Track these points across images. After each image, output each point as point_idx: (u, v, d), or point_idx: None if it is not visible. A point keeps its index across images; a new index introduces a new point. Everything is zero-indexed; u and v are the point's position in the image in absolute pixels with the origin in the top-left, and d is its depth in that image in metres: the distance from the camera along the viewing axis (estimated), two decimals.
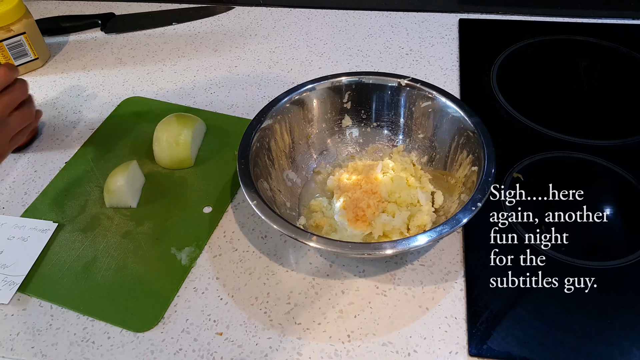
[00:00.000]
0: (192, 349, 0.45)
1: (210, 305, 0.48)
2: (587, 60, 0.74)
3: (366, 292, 0.48)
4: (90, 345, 0.45)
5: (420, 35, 0.81)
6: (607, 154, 0.59)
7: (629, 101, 0.68)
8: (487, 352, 0.42)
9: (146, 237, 0.54)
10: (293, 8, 0.89)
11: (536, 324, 0.44)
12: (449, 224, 0.42)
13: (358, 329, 0.45)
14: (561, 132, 0.62)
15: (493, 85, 0.70)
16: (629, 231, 0.52)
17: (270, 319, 0.46)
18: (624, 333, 0.43)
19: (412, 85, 0.56)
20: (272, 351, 0.44)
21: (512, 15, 0.83)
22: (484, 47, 0.77)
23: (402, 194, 0.52)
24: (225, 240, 0.53)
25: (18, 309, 0.49)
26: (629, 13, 0.80)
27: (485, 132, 0.50)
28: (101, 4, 0.93)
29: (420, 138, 0.57)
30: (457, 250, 0.51)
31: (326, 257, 0.51)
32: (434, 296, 0.47)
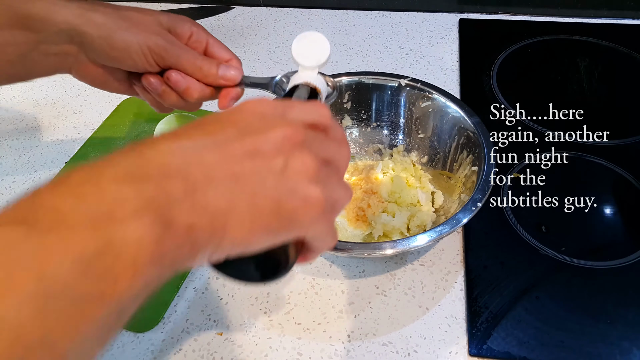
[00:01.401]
0: (192, 349, 0.45)
1: (211, 305, 0.48)
2: (587, 60, 0.74)
3: (366, 292, 0.48)
4: None
5: (420, 35, 0.81)
6: (607, 154, 0.59)
7: (629, 101, 0.68)
8: (487, 352, 0.42)
9: None
10: (293, 8, 0.89)
11: (536, 324, 0.44)
12: (449, 224, 0.42)
13: (358, 329, 0.45)
14: (561, 132, 0.62)
15: (493, 85, 0.70)
16: (629, 231, 0.52)
17: (270, 319, 0.46)
18: (624, 333, 0.43)
19: (412, 85, 0.56)
20: (272, 351, 0.44)
21: (512, 15, 0.83)
22: (484, 47, 0.77)
23: (402, 194, 0.52)
24: None
25: None
26: (629, 13, 0.80)
27: (486, 132, 0.50)
28: None
29: (420, 138, 0.57)
30: (457, 250, 0.50)
31: (326, 257, 0.51)
32: (434, 296, 0.47)
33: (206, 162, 0.23)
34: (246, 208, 0.23)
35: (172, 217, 0.21)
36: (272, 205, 0.24)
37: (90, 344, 0.19)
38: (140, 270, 0.19)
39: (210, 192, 0.22)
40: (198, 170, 0.23)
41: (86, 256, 0.18)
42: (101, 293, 0.18)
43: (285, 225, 0.25)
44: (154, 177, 0.21)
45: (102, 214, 0.19)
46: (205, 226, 0.22)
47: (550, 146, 0.60)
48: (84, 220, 0.18)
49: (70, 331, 0.17)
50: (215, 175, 0.23)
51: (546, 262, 0.49)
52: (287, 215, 0.25)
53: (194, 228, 0.21)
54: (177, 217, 0.21)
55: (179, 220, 0.21)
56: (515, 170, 0.57)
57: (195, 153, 0.23)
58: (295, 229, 0.25)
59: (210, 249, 0.23)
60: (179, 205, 0.21)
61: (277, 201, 0.24)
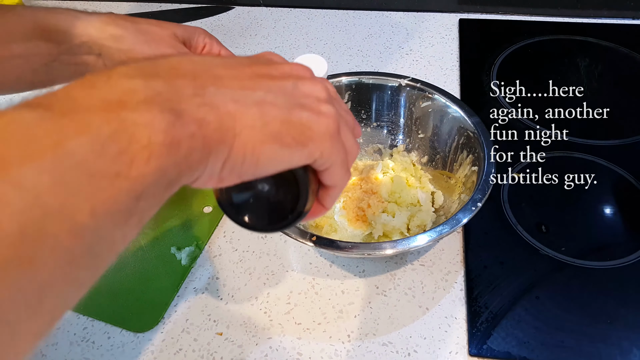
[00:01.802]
0: (192, 349, 0.45)
1: (210, 305, 0.48)
2: (587, 60, 0.74)
3: (366, 292, 0.48)
4: (90, 345, 0.45)
5: (420, 35, 0.81)
6: (607, 153, 0.59)
7: (629, 101, 0.68)
8: (487, 352, 0.42)
9: (146, 237, 0.54)
10: (293, 8, 0.89)
11: (536, 324, 0.44)
12: (449, 224, 0.42)
13: (358, 329, 0.45)
14: (561, 132, 0.62)
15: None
16: (629, 231, 0.52)
17: (270, 319, 0.46)
18: (625, 333, 0.43)
19: (412, 85, 0.56)
20: (272, 351, 0.44)
21: (512, 15, 0.83)
22: (484, 47, 0.77)
23: (402, 194, 0.52)
24: (225, 240, 0.53)
25: None
26: (628, 13, 0.80)
27: (485, 132, 0.50)
28: (101, 4, 0.93)
29: (420, 138, 0.57)
30: (457, 250, 0.50)
31: (326, 257, 0.51)
32: (434, 296, 0.47)
33: (216, 73, 0.24)
34: (257, 114, 0.23)
35: (182, 109, 0.21)
36: (284, 114, 0.24)
37: (110, 227, 0.19)
38: (155, 154, 0.19)
39: (219, 95, 0.23)
40: (207, 76, 0.23)
41: (101, 137, 0.18)
42: (116, 173, 0.18)
43: (297, 138, 0.25)
44: (163, 75, 0.22)
45: (114, 102, 0.19)
46: (215, 123, 0.22)
47: (551, 147, 0.60)
48: (97, 105, 0.19)
49: (87, 206, 0.18)
50: (225, 84, 0.23)
51: (546, 262, 0.49)
52: (299, 126, 0.25)
53: (204, 123, 0.21)
54: (186, 110, 0.21)
55: (189, 112, 0.21)
56: (516, 170, 0.57)
57: (205, 65, 0.24)
58: (308, 144, 0.25)
59: (223, 156, 0.23)
60: (188, 100, 0.21)
61: (289, 110, 0.25)
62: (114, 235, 0.19)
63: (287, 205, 0.27)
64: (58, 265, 0.17)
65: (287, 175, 0.26)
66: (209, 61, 0.25)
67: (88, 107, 0.19)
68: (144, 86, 0.20)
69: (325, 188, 0.29)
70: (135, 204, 0.19)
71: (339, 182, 0.29)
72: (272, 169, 0.25)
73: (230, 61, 0.25)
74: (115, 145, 0.18)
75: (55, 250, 0.17)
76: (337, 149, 0.27)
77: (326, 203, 0.30)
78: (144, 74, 0.21)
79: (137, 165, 0.19)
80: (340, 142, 0.27)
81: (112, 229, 0.19)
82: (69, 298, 0.19)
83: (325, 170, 0.27)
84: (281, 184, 0.27)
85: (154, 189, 0.20)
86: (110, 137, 0.18)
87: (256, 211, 0.28)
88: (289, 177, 0.27)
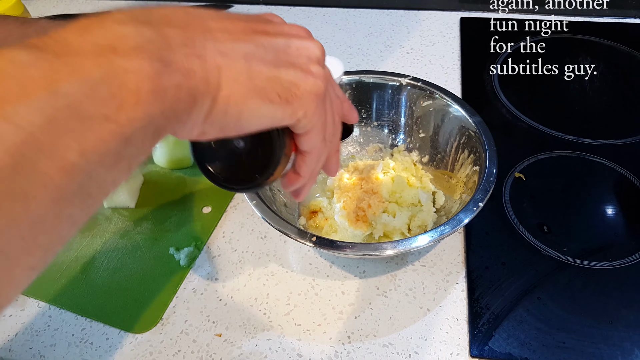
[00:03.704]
0: (191, 350, 0.44)
1: (209, 306, 0.47)
2: (589, 59, 0.73)
3: (367, 293, 0.47)
4: (89, 346, 0.45)
5: (421, 34, 0.80)
6: (609, 153, 0.58)
7: (631, 100, 0.68)
8: (488, 353, 0.42)
9: (144, 238, 0.53)
10: (293, 6, 0.89)
11: (538, 324, 0.44)
12: (450, 224, 0.42)
13: (358, 330, 0.45)
14: (563, 132, 0.62)
15: (494, 84, 0.70)
16: (631, 231, 0.51)
17: (270, 320, 0.46)
18: (626, 334, 0.43)
19: (413, 84, 0.55)
20: (271, 352, 0.44)
21: (514, 13, 0.82)
22: (485, 46, 0.77)
23: (403, 194, 0.52)
24: (225, 240, 0.53)
25: (16, 309, 0.48)
26: (630, 12, 0.80)
27: (487, 132, 0.49)
28: (100, 3, 0.92)
29: (421, 137, 0.57)
30: (459, 250, 0.50)
31: (326, 257, 0.51)
32: (435, 297, 0.47)
33: (208, 26, 0.24)
34: (243, 68, 0.24)
35: (170, 59, 0.21)
36: (271, 70, 0.25)
37: (99, 169, 0.19)
38: (143, 99, 0.20)
39: (208, 46, 0.23)
40: (198, 27, 0.23)
41: (93, 79, 0.19)
42: (105, 116, 0.19)
43: (283, 95, 0.25)
44: (154, 23, 0.22)
45: (106, 46, 0.20)
46: (201, 74, 0.22)
47: (553, 146, 0.60)
48: (90, 49, 0.20)
49: (77, 146, 0.18)
50: (215, 36, 0.24)
51: (548, 263, 0.48)
52: (285, 83, 0.25)
53: (190, 73, 0.22)
54: (174, 59, 0.22)
55: (176, 62, 0.22)
56: (518, 170, 0.57)
57: (199, 18, 0.24)
58: (293, 102, 0.25)
59: (207, 107, 0.23)
60: (177, 49, 0.22)
61: (277, 67, 0.25)
62: (104, 176, 0.20)
63: (258, 166, 0.28)
64: (50, 201, 0.18)
65: (265, 137, 0.27)
66: (203, 13, 0.25)
67: (81, 50, 0.19)
68: (135, 33, 0.21)
69: (301, 154, 0.29)
70: (124, 148, 0.20)
71: (315, 147, 0.29)
72: (254, 125, 0.25)
73: (225, 15, 0.25)
74: (105, 89, 0.19)
75: (47, 187, 0.18)
76: (321, 111, 0.27)
77: (302, 171, 0.30)
78: (136, 21, 0.21)
79: (125, 110, 0.19)
80: (325, 105, 0.28)
81: (101, 170, 0.20)
82: (62, 235, 0.20)
83: (304, 134, 0.28)
84: (257, 145, 0.28)
85: (142, 135, 0.21)
86: (101, 80, 0.19)
87: (228, 168, 0.29)
88: (266, 140, 0.27)
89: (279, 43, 0.26)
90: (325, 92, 0.27)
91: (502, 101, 0.67)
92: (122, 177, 0.21)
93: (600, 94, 0.68)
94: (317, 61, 0.27)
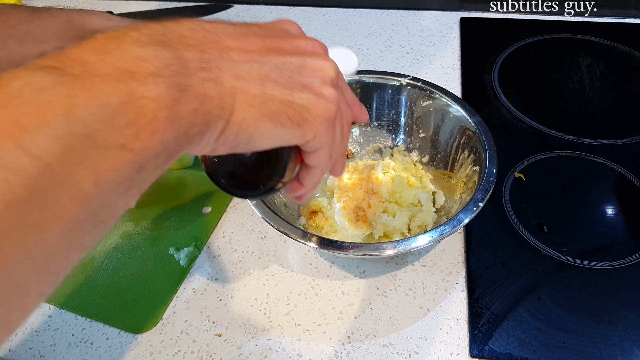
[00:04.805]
0: (191, 350, 0.44)
1: (209, 307, 0.47)
2: (589, 59, 0.73)
3: (367, 293, 0.47)
4: (89, 346, 0.45)
5: (421, 34, 0.80)
6: (609, 153, 0.58)
7: (631, 100, 0.68)
8: (488, 353, 0.42)
9: (144, 238, 0.53)
10: (293, 6, 0.89)
11: (538, 324, 0.44)
12: (450, 224, 0.42)
13: (358, 330, 0.45)
14: (563, 132, 0.62)
15: (494, 84, 0.70)
16: (631, 231, 0.51)
17: (270, 320, 0.46)
18: (626, 334, 0.43)
19: (413, 84, 0.55)
20: (271, 352, 0.44)
21: (514, 13, 0.82)
22: (485, 46, 0.77)
23: (403, 194, 0.52)
24: (225, 240, 0.53)
25: None
26: (630, 12, 0.80)
27: (487, 132, 0.49)
28: (99, 3, 0.92)
29: (421, 137, 0.57)
30: (459, 250, 0.50)
31: (326, 257, 0.51)
32: (435, 297, 0.47)
33: (224, 45, 0.24)
34: (257, 92, 0.24)
35: (187, 84, 0.21)
36: (285, 94, 0.25)
37: (112, 196, 0.20)
38: (159, 128, 0.20)
39: (225, 67, 0.23)
40: (215, 46, 0.24)
41: (110, 106, 0.19)
42: (122, 144, 0.19)
43: (294, 119, 0.25)
44: (172, 44, 0.22)
45: (125, 70, 0.20)
46: (216, 100, 0.23)
47: (553, 146, 0.60)
48: (108, 72, 0.19)
49: (93, 175, 0.18)
50: (231, 57, 0.24)
51: (548, 263, 0.48)
52: (297, 107, 0.25)
53: (206, 99, 0.22)
54: (191, 84, 0.22)
55: (193, 87, 0.22)
56: (518, 170, 0.57)
57: (216, 35, 0.24)
58: (304, 125, 0.26)
59: (219, 130, 0.23)
60: (194, 74, 0.22)
61: (290, 90, 0.25)
62: (115, 203, 0.20)
63: (263, 176, 0.29)
64: (64, 231, 0.18)
65: (272, 151, 0.27)
66: (220, 30, 0.24)
67: (99, 73, 0.19)
68: (154, 56, 0.21)
69: (306, 167, 0.30)
70: (137, 175, 0.20)
71: (321, 164, 0.29)
72: (264, 145, 0.25)
73: (242, 30, 0.25)
74: (122, 116, 0.19)
75: (61, 217, 0.18)
76: (330, 132, 0.27)
77: (305, 182, 0.31)
78: (154, 42, 0.21)
79: (141, 138, 0.20)
80: (335, 127, 0.28)
81: (114, 197, 0.20)
82: (73, 261, 0.20)
83: (312, 152, 0.28)
84: (264, 157, 0.28)
85: (155, 161, 0.21)
86: (120, 106, 0.19)
87: (234, 175, 0.29)
88: (273, 153, 0.28)
89: (294, 63, 0.26)
90: (336, 114, 0.27)
91: (502, 101, 0.67)
92: (132, 201, 0.21)
93: (600, 94, 0.68)
94: (331, 82, 0.27)
